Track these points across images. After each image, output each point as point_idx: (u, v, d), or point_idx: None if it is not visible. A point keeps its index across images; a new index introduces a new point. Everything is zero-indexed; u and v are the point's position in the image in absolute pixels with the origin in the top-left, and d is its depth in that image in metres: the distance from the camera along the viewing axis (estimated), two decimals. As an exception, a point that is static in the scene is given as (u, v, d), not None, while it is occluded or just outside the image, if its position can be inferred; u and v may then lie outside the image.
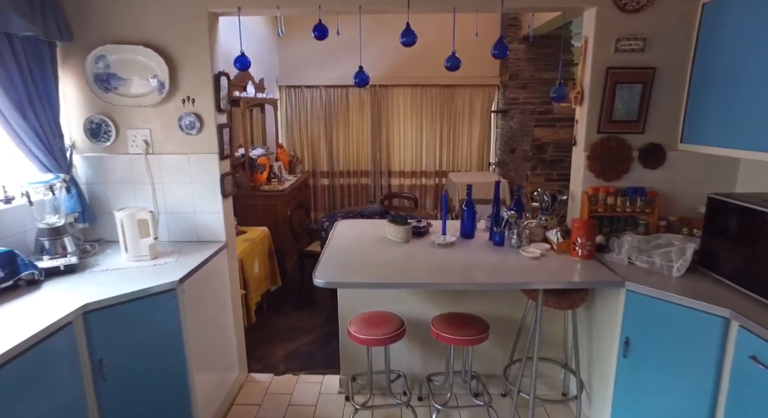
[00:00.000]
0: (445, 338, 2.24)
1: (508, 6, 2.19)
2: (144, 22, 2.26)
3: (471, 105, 6.39)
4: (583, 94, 2.38)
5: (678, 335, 1.79)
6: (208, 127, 2.38)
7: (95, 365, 1.80)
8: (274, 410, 2.55)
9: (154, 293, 1.93)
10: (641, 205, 2.33)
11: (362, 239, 2.58)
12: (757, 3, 1.77)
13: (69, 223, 2.26)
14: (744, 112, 1.83)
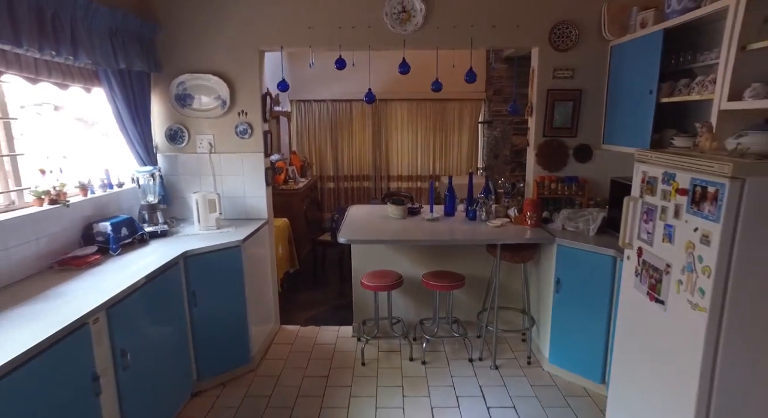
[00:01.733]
0: (432, 285, 3.10)
1: (475, 46, 3.09)
2: (212, 57, 3.15)
3: (460, 117, 7.29)
4: (532, 108, 3.27)
5: (588, 271, 2.65)
6: (256, 133, 3.27)
7: (190, 295, 2.65)
8: (303, 348, 3.39)
9: (226, 247, 2.78)
10: (575, 189, 3.21)
11: (370, 216, 3.46)
12: (636, 46, 2.67)
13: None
14: (628, 121, 2.72)
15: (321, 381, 2.96)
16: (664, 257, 1.70)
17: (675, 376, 1.64)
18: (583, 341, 2.76)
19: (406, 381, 2.95)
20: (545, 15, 3.04)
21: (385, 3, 3.02)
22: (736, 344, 1.46)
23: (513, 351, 3.31)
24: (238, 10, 3.08)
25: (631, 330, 1.99)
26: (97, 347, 1.86)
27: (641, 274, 1.85)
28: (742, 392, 1.50)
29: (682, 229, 1.58)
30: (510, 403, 2.71)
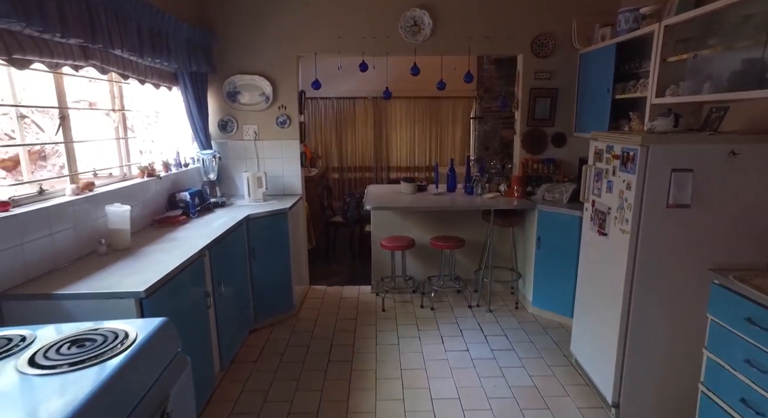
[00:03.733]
0: (438, 245, 3.87)
1: (472, 53, 3.86)
2: (258, 61, 3.87)
3: (454, 113, 8.07)
4: (518, 103, 4.05)
5: (562, 230, 3.44)
6: (294, 123, 3.99)
7: (250, 250, 3.38)
8: (332, 301, 4.13)
9: (277, 213, 3.51)
10: (553, 168, 4.00)
11: (387, 192, 4.23)
12: (597, 55, 3.46)
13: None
14: (592, 114, 3.51)
15: (351, 322, 3.71)
16: (607, 203, 2.48)
17: (611, 289, 2.41)
18: (558, 286, 3.55)
19: (419, 321, 3.71)
20: (528, 28, 3.82)
21: (400, 18, 3.77)
22: (647, 251, 2.24)
23: (503, 300, 4.09)
24: (280, 23, 3.80)
25: (587, 258, 2.77)
26: (206, 275, 2.59)
27: (594, 218, 2.63)
28: (652, 286, 2.28)
29: (617, 182, 2.36)
30: (502, 332, 3.49)
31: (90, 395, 1.10)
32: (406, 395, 2.74)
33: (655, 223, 2.19)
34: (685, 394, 2.26)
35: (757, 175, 2.11)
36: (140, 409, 1.24)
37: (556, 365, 3.06)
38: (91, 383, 1.14)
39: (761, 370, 1.74)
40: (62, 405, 1.05)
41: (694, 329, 2.16)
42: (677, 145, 2.13)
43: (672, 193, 2.14)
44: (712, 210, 2.16)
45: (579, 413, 2.55)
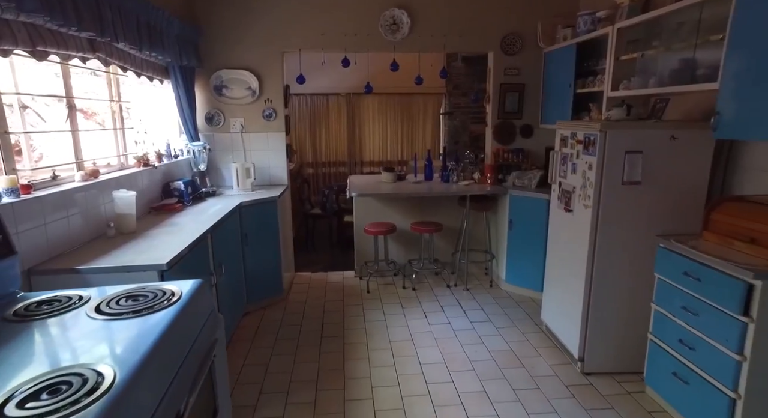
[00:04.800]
0: (418, 229, 4.18)
1: (447, 50, 4.19)
2: (244, 56, 4.06)
3: (425, 109, 8.41)
4: (490, 98, 4.41)
5: (531, 212, 3.82)
6: (279, 116, 4.21)
7: (243, 236, 3.58)
8: (318, 285, 4.38)
9: (266, 201, 3.73)
10: (522, 158, 4.38)
11: (368, 181, 4.50)
12: (560, 54, 3.86)
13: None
14: (556, 107, 3.91)
15: (338, 303, 3.97)
16: (572, 183, 2.85)
17: (576, 259, 2.77)
18: (529, 264, 3.93)
19: (402, 300, 4.01)
20: (497, 28, 4.19)
21: (380, 16, 4.05)
22: (606, 222, 2.62)
23: (479, 279, 4.45)
24: (266, 20, 4.00)
25: (555, 233, 3.15)
26: (209, 256, 2.80)
27: (561, 197, 3.00)
28: (610, 253, 2.67)
29: (581, 164, 2.73)
30: (479, 307, 3.84)
31: (162, 333, 1.33)
32: (396, 362, 3.03)
33: (612, 198, 2.57)
34: (637, 343, 2.66)
35: (692, 156, 2.52)
36: (196, 347, 1.47)
37: (528, 331, 3.42)
38: (159, 324, 1.37)
39: (693, 313, 2.13)
40: (144, 340, 1.28)
41: (645, 288, 2.55)
42: (629, 130, 2.52)
43: (626, 172, 2.52)
44: (658, 186, 2.55)
45: (550, 369, 2.92)
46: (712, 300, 2.04)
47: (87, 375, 1.09)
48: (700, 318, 2.12)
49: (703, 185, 2.56)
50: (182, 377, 1.34)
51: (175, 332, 1.40)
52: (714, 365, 2.04)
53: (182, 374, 1.35)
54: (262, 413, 2.55)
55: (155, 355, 1.24)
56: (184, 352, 1.42)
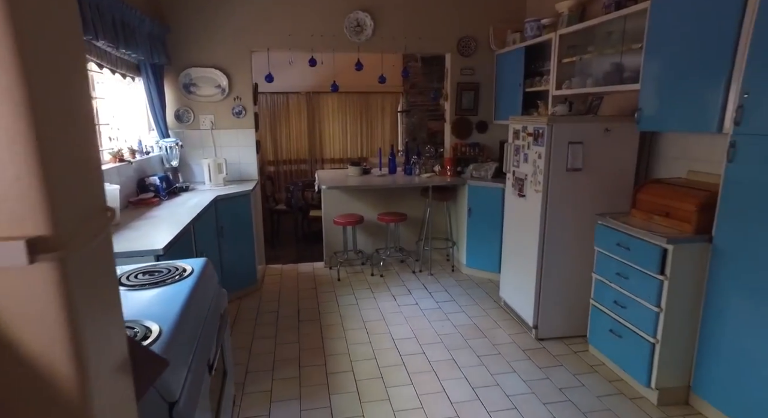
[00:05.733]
0: (384, 219, 4.50)
1: (408, 51, 4.52)
2: (213, 55, 4.22)
3: (383, 107, 8.73)
4: (448, 96, 4.79)
5: (488, 201, 4.22)
6: (249, 113, 4.40)
7: (218, 229, 3.76)
8: (290, 275, 4.60)
9: (241, 195, 3.92)
10: (478, 152, 4.79)
11: (335, 175, 4.77)
12: (510, 56, 4.28)
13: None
14: (508, 104, 4.33)
15: (311, 291, 4.22)
16: (524, 171, 3.25)
17: (529, 238, 3.18)
18: (487, 248, 4.34)
19: (372, 285, 4.32)
20: (454, 32, 4.56)
21: (345, 19, 4.32)
22: (553, 204, 3.03)
23: (441, 265, 4.83)
24: (234, 19, 4.18)
25: (510, 217, 3.55)
26: (193, 245, 2.98)
27: (515, 184, 3.41)
28: (557, 231, 3.09)
29: (531, 154, 3.13)
30: (443, 289, 4.20)
31: (187, 298, 1.56)
32: (371, 339, 3.32)
33: (558, 183, 2.99)
34: (582, 310, 3.09)
35: (622, 146, 2.98)
36: (211, 313, 1.71)
37: (489, 308, 3.82)
38: (183, 292, 1.60)
39: (624, 277, 2.57)
40: (174, 304, 1.50)
41: (586, 260, 2.99)
42: (572, 124, 2.94)
43: (569, 160, 2.94)
44: (595, 171, 2.99)
45: (509, 337, 3.31)
46: (638, 264, 2.47)
47: (137, 328, 1.32)
48: (629, 281, 2.55)
49: (631, 170, 3.02)
50: (206, 334, 1.58)
51: (195, 299, 1.63)
52: (640, 318, 2.48)
53: (205, 332, 1.58)
54: (250, 388, 2.78)
55: (185, 315, 1.48)
56: (204, 315, 1.65)
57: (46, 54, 0.53)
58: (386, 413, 2.53)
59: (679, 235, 2.32)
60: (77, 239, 0.56)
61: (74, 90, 0.60)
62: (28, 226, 0.51)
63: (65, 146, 0.56)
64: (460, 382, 2.79)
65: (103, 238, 0.66)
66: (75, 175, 0.58)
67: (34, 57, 0.50)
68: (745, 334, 2.10)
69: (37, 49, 0.53)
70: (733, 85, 2.10)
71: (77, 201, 0.59)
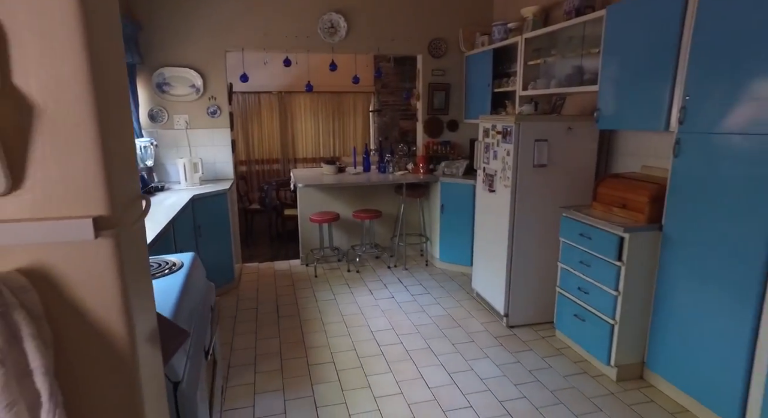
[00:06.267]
0: (360, 216, 4.64)
1: (381, 52, 4.67)
2: (187, 54, 4.26)
3: (355, 106, 8.86)
4: (419, 96, 4.96)
5: (459, 197, 4.42)
6: (224, 113, 4.45)
7: (196, 227, 3.82)
8: (267, 273, 4.68)
9: (218, 194, 3.99)
10: (450, 150, 4.99)
11: (310, 174, 4.87)
12: (479, 57, 4.49)
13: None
14: (477, 104, 4.54)
15: (289, 288, 4.32)
16: (494, 168, 3.45)
17: (499, 231, 3.38)
18: (459, 242, 4.54)
19: (349, 281, 4.45)
20: (425, 34, 4.74)
21: (318, 20, 4.44)
22: (521, 199, 3.24)
23: (415, 260, 5.01)
24: (208, 18, 4.23)
25: (481, 212, 3.75)
26: (172, 243, 3.05)
27: (485, 180, 3.61)
28: (525, 224, 3.30)
29: (500, 151, 3.34)
30: (418, 283, 4.37)
31: (181, 288, 1.66)
32: (350, 332, 3.46)
33: (526, 178, 3.20)
34: (548, 297, 3.31)
35: (584, 143, 3.22)
36: (202, 307, 1.81)
37: (462, 299, 4.01)
38: (177, 283, 1.70)
39: (587, 265, 2.80)
40: (170, 293, 1.60)
41: (553, 251, 3.21)
42: (537, 122, 3.15)
43: (535, 157, 3.15)
44: (560, 167, 3.22)
45: (481, 326, 3.51)
46: (599, 253, 2.70)
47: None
48: (591, 268, 2.78)
49: (592, 166, 3.26)
50: (200, 324, 1.68)
51: (187, 290, 1.73)
52: (601, 302, 2.71)
53: (199, 322, 1.69)
54: (234, 382, 2.87)
55: (181, 305, 1.58)
56: (196, 306, 1.75)
57: (106, 58, 0.64)
58: (368, 399, 2.67)
59: (634, 224, 2.55)
60: (126, 219, 0.68)
61: (121, 95, 0.71)
62: (93, 207, 0.62)
63: (117, 143, 0.67)
64: (436, 368, 2.96)
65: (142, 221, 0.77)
66: (123, 167, 0.69)
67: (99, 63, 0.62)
68: (690, 313, 2.34)
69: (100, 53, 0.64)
70: (677, 88, 2.34)
71: (124, 189, 0.70)
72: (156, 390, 0.82)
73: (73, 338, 0.65)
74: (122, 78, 0.77)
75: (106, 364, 0.67)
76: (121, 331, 0.67)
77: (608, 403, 2.57)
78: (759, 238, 1.99)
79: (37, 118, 0.58)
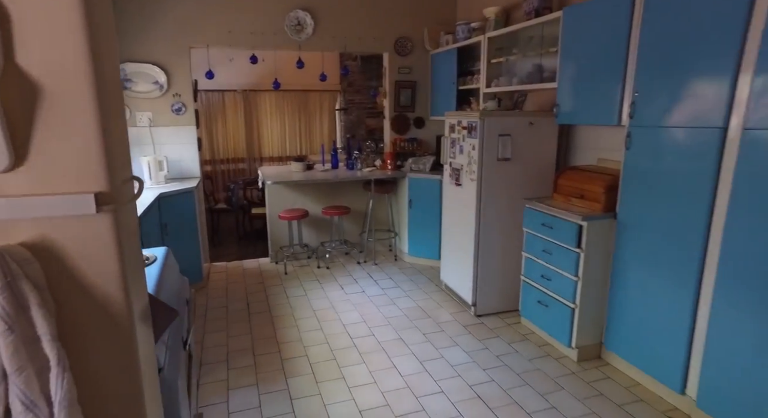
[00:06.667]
0: (329, 213, 4.68)
1: (348, 50, 4.73)
2: (150, 50, 4.19)
3: (321, 105, 8.87)
4: (387, 93, 5.05)
5: (427, 192, 4.53)
6: (189, 110, 4.40)
7: (162, 226, 3.77)
8: (236, 271, 4.66)
9: (185, 191, 3.95)
10: (416, 146, 5.10)
11: (279, 171, 4.88)
12: (444, 56, 4.61)
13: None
14: (443, 101, 4.67)
15: (259, 285, 4.32)
16: (460, 162, 3.58)
17: (466, 223, 3.51)
18: (427, 236, 4.65)
19: (319, 277, 4.49)
20: (391, 32, 4.83)
21: (285, 17, 4.45)
22: (487, 191, 3.38)
23: (384, 255, 5.09)
24: (172, 14, 4.17)
25: (448, 206, 3.87)
26: (140, 242, 3.01)
27: (452, 174, 3.73)
28: (491, 216, 3.43)
29: (466, 146, 3.46)
30: (388, 277, 4.46)
31: (157, 281, 1.67)
32: (322, 326, 3.51)
33: (490, 172, 3.33)
34: (514, 285, 3.46)
35: (545, 138, 3.38)
36: (178, 299, 1.82)
37: (431, 291, 4.12)
38: (152, 276, 1.71)
39: (549, 253, 2.95)
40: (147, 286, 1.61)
41: (517, 241, 3.36)
42: (501, 118, 3.29)
43: (499, 151, 3.29)
44: (522, 161, 3.37)
45: (450, 316, 3.63)
46: (560, 241, 2.85)
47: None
48: (553, 256, 2.93)
49: (552, 159, 3.43)
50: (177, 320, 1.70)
51: (163, 283, 1.74)
52: (562, 288, 2.87)
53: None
54: (206, 379, 2.87)
55: (158, 295, 1.59)
56: (172, 298, 1.77)
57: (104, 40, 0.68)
58: (342, 389, 2.73)
59: (591, 213, 2.72)
60: (123, 197, 0.72)
61: (116, 77, 0.75)
62: (94, 183, 0.66)
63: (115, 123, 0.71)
64: (408, 357, 3.05)
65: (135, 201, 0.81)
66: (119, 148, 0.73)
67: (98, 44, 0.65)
68: (641, 295, 2.52)
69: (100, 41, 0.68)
70: (627, 85, 2.52)
71: (120, 169, 0.74)
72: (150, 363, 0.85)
73: (75, 308, 0.68)
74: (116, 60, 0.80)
75: (107, 332, 0.70)
76: (120, 301, 0.71)
77: (570, 382, 2.72)
78: (697, 225, 2.18)
79: (39, 96, 0.62)
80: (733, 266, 2.03)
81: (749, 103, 1.92)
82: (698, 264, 2.20)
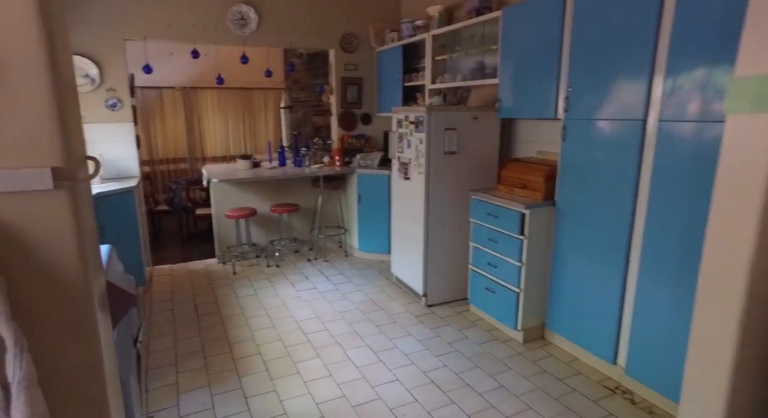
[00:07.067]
0: (277, 210, 4.64)
1: (293, 46, 4.69)
2: (80, 41, 3.97)
3: (265, 103, 8.71)
4: (333, 90, 5.06)
5: (375, 187, 4.59)
6: (126, 106, 4.21)
7: (99, 228, 3.58)
8: (181, 274, 4.51)
9: (124, 191, 3.78)
10: (364, 143, 5.15)
11: (224, 169, 4.77)
12: (389, 53, 4.69)
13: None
14: (389, 97, 4.75)
15: (207, 287, 4.20)
16: (408, 156, 3.66)
17: (415, 216, 3.60)
18: (377, 231, 4.71)
19: (269, 276, 4.43)
20: (336, 29, 4.85)
21: (228, 11, 4.36)
22: (434, 184, 3.48)
23: (335, 252, 5.11)
24: (105, 3, 3.97)
25: (397, 199, 3.95)
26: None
27: (400, 168, 3.80)
28: (439, 208, 3.55)
29: (414, 140, 3.55)
30: (339, 273, 4.48)
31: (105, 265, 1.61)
32: (275, 323, 3.48)
33: (438, 165, 3.44)
34: (463, 275, 3.60)
35: (488, 131, 3.54)
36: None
37: (382, 284, 4.19)
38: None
39: (494, 241, 3.09)
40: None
41: (464, 231, 3.49)
42: (446, 113, 3.40)
43: (446, 144, 3.40)
44: (468, 154, 3.50)
45: (402, 307, 3.70)
46: (504, 229, 3.00)
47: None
48: (498, 244, 3.08)
49: (495, 152, 3.59)
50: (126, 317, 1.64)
51: (109, 280, 1.68)
52: (507, 274, 3.02)
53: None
54: (154, 385, 2.77)
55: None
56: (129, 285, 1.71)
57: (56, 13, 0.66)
58: (297, 384, 2.73)
59: (532, 202, 2.88)
60: (79, 174, 0.71)
61: (67, 53, 0.73)
62: (50, 158, 0.65)
63: (68, 98, 0.70)
64: (362, 349, 3.09)
65: (89, 182, 0.80)
66: (74, 126, 0.71)
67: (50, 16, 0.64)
68: (577, 277, 2.71)
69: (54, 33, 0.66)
70: (562, 80, 2.70)
71: (76, 147, 0.72)
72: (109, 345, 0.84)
73: (34, 288, 0.66)
74: (66, 36, 0.78)
75: (67, 313, 0.69)
76: (80, 282, 0.70)
77: (516, 362, 2.88)
78: (623, 212, 2.39)
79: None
80: (654, 248, 2.24)
81: (663, 98, 2.14)
82: (625, 247, 2.41)
